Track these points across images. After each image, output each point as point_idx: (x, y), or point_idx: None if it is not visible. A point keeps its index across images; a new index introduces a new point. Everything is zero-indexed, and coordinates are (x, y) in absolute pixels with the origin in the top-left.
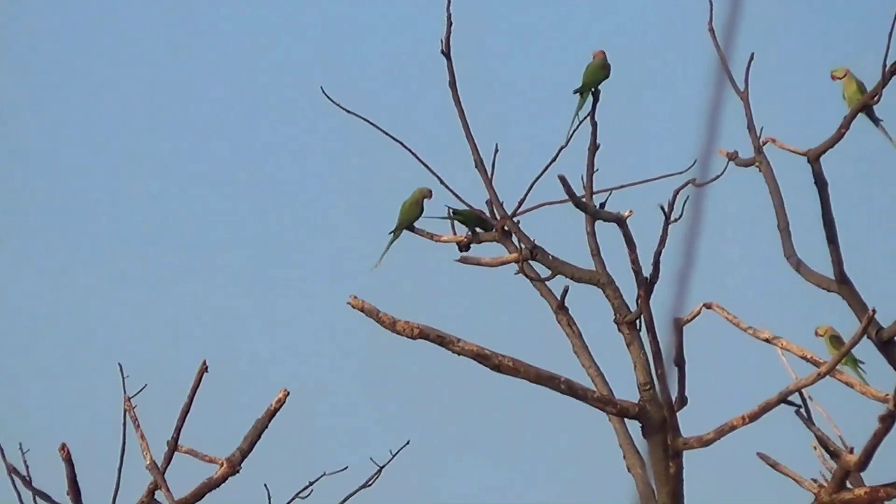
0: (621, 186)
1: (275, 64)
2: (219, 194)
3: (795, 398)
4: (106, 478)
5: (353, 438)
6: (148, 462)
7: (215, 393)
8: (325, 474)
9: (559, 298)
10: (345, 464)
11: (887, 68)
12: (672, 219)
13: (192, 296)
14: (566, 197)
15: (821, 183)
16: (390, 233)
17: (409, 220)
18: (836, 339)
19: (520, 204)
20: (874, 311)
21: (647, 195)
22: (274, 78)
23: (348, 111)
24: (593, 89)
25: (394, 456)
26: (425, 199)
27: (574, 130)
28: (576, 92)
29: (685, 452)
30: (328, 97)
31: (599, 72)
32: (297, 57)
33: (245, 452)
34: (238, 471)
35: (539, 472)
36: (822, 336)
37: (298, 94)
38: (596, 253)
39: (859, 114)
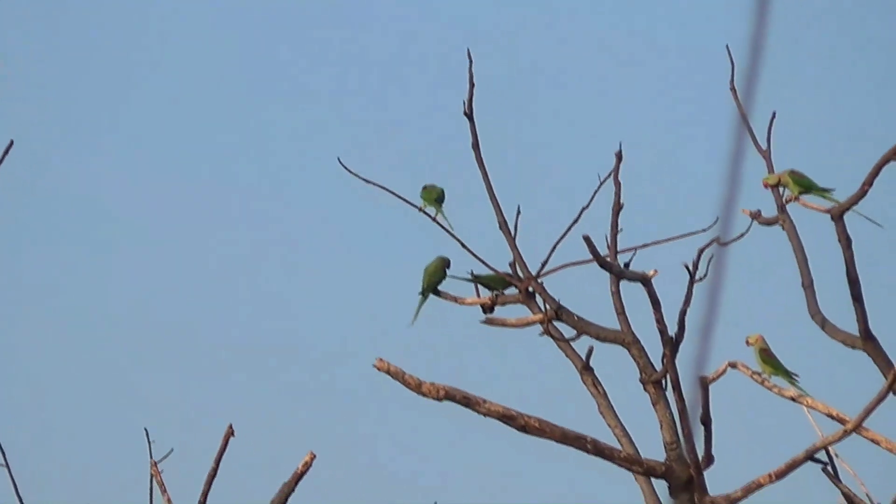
0: (645, 245)
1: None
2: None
3: (822, 455)
4: None
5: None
6: None
7: (242, 456)
8: None
9: (584, 358)
10: None
11: None
12: (697, 277)
13: (215, 357)
14: (590, 257)
15: (845, 240)
16: (419, 293)
17: (434, 283)
18: (765, 353)
19: (543, 264)
20: None
21: (672, 254)
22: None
23: (367, 181)
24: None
25: None
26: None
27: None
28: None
29: None
30: (345, 167)
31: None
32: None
33: None
34: None
35: None
36: (752, 345)
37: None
38: (621, 312)
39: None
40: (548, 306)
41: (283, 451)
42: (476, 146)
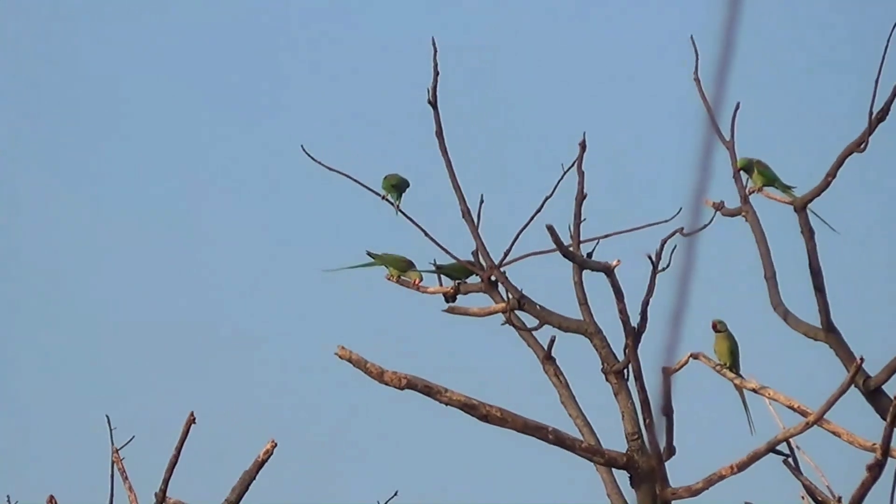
0: (608, 235)
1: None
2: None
3: (783, 447)
4: None
5: (337, 485)
6: None
7: (203, 444)
8: None
9: (546, 348)
10: None
11: (873, 116)
12: (660, 268)
13: (177, 344)
14: (553, 246)
15: (807, 232)
16: (369, 254)
17: (390, 263)
18: (730, 338)
19: (506, 254)
20: (861, 359)
21: (635, 244)
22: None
23: (330, 168)
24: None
25: None
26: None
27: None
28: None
29: (674, 502)
30: (309, 155)
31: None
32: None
33: None
34: None
35: None
36: (721, 332)
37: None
38: (583, 302)
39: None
40: (510, 295)
41: (248, 443)
42: (440, 134)
